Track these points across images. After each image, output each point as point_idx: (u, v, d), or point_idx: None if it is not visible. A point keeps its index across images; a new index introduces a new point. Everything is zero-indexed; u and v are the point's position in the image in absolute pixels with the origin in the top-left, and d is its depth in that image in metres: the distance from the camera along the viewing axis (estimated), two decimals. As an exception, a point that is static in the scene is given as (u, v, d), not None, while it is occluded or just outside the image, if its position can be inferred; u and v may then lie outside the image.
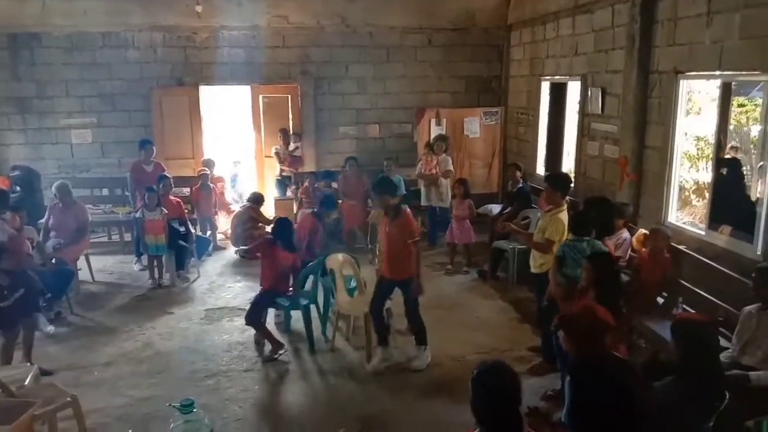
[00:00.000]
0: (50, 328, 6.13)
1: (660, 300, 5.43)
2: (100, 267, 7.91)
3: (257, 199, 8.77)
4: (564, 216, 5.13)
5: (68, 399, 4.03)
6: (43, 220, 7.31)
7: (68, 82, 9.74)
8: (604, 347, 3.11)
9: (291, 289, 5.93)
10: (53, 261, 6.64)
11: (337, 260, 5.89)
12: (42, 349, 5.60)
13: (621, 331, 3.56)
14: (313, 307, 5.99)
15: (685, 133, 6.19)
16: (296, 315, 6.05)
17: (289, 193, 9.66)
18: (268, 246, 5.88)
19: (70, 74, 9.71)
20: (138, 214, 7.49)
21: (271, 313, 6.21)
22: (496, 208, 8.62)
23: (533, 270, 5.40)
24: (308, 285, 6.12)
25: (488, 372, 2.47)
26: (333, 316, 6.10)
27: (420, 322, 5.33)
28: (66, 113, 9.83)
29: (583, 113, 7.70)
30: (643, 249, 5.55)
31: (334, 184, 9.23)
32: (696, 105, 7.74)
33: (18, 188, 8.76)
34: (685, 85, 5.90)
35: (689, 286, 5.20)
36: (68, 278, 6.62)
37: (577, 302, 4.35)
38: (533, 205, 7.55)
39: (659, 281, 5.31)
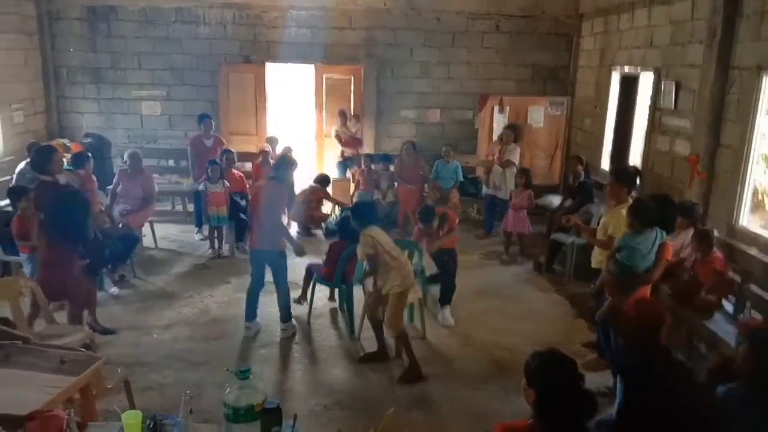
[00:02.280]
0: (114, 290, 6.40)
1: (728, 305, 5.21)
2: (163, 235, 8.18)
3: (323, 180, 8.89)
4: (623, 212, 4.94)
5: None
6: (111, 186, 7.60)
7: (141, 55, 10.07)
8: (659, 344, 3.01)
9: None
10: (119, 225, 6.90)
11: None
12: (106, 309, 5.87)
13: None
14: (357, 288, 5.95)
15: (764, 134, 5.89)
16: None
17: (348, 175, 9.73)
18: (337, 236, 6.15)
19: (143, 47, 10.03)
20: (201, 187, 7.69)
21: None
22: (556, 201, 8.46)
23: (594, 265, 5.26)
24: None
25: (545, 355, 2.45)
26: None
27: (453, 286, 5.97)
28: (137, 85, 10.18)
29: (654, 107, 7.42)
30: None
31: (392, 167, 9.24)
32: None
33: (90, 155, 9.13)
34: (768, 83, 5.61)
35: (759, 291, 4.97)
36: (133, 243, 6.87)
37: (629, 294, 4.24)
38: (595, 200, 7.35)
39: (717, 283, 5.09)
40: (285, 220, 6.30)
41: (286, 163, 5.72)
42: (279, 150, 9.67)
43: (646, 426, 2.78)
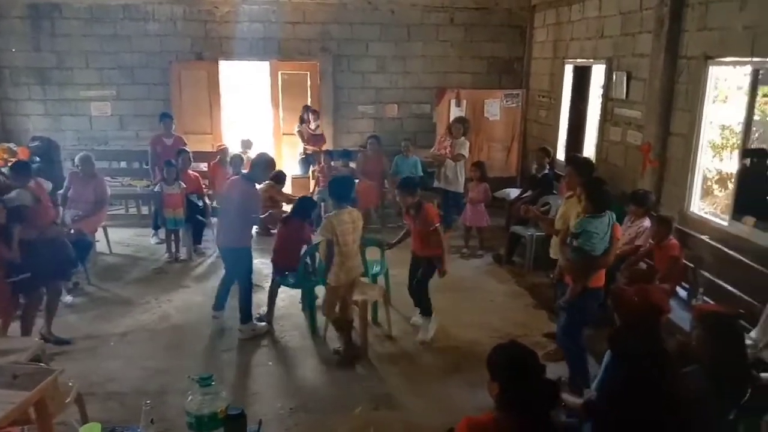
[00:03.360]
0: (68, 298, 6.19)
1: (682, 291, 5.36)
2: (117, 239, 7.96)
3: (278, 178, 8.74)
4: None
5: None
6: (62, 191, 7.35)
7: (88, 53, 9.77)
8: (658, 332, 3.07)
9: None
10: (71, 231, 6.68)
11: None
12: (61, 319, 5.66)
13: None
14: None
15: (711, 122, 6.08)
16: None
17: (310, 172, 9.64)
18: (283, 221, 5.90)
19: (90, 46, 9.73)
20: (157, 188, 7.51)
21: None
22: (514, 193, 8.55)
23: (552, 255, 5.34)
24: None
25: (507, 348, 2.48)
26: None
27: (425, 297, 5.52)
28: (85, 85, 9.88)
29: (606, 98, 7.58)
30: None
31: (352, 164, 9.19)
32: (722, 93, 7.59)
33: (37, 159, 8.83)
34: (714, 72, 5.77)
35: (711, 277, 5.14)
36: (86, 249, 6.67)
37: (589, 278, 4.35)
38: (554, 192, 7.47)
39: (671, 270, 5.24)
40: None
41: (265, 163, 5.57)
42: (240, 149, 9.52)
43: (628, 401, 2.83)
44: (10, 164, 7.00)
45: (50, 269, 5.22)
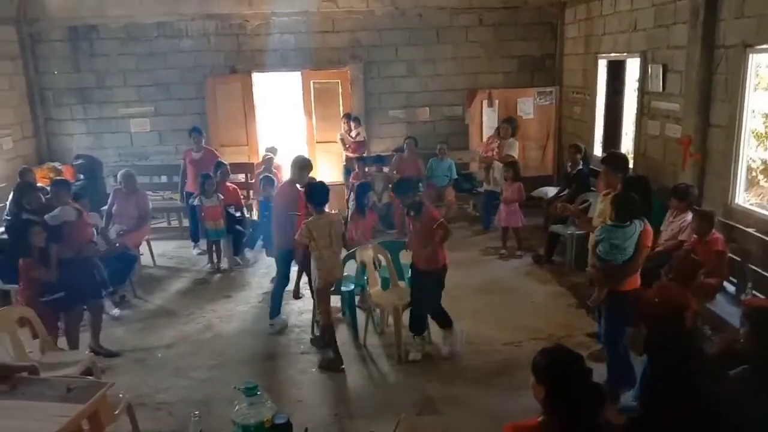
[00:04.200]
0: (116, 311, 6.36)
1: (730, 286, 5.22)
2: (160, 252, 8.15)
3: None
4: None
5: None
6: (105, 207, 7.56)
7: (126, 72, 10.03)
8: (685, 328, 3.00)
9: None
10: (116, 246, 6.86)
11: (368, 254, 5.79)
12: (109, 331, 5.83)
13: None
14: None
15: (753, 111, 5.90)
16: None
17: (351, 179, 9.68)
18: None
19: (127, 64, 9.99)
20: (196, 201, 7.66)
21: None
22: (551, 191, 8.45)
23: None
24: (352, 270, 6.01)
25: (552, 351, 2.45)
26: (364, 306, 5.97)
27: (441, 311, 5.26)
28: (124, 103, 10.14)
29: (642, 91, 7.43)
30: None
31: (385, 169, 9.22)
32: (764, 80, 7.37)
33: (82, 176, 9.12)
34: (754, 59, 5.61)
35: (759, 270, 4.98)
36: (131, 263, 6.85)
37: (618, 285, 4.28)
38: (592, 188, 7.35)
39: (717, 264, 5.10)
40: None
41: (296, 163, 5.84)
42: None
43: (668, 406, 2.77)
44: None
45: (84, 288, 5.33)
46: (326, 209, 5.34)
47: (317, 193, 5.23)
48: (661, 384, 2.84)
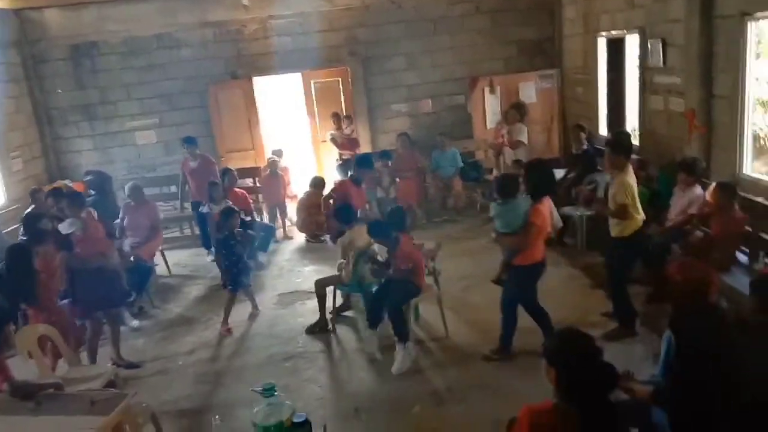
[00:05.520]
0: (135, 323, 6.45)
1: (742, 256, 5.19)
2: (175, 261, 8.24)
3: (318, 184, 8.89)
4: (628, 177, 4.88)
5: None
6: (117, 221, 7.65)
7: (128, 86, 10.13)
8: (709, 303, 3.01)
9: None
10: (131, 259, 6.94)
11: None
12: (129, 343, 5.93)
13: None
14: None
15: (757, 79, 5.85)
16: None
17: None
18: None
19: (129, 78, 10.09)
20: (205, 209, 7.72)
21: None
22: (558, 174, 8.39)
23: (614, 234, 5.10)
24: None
25: (561, 333, 2.48)
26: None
27: (402, 320, 5.09)
28: (129, 116, 10.25)
29: (644, 67, 7.38)
30: (711, 205, 5.32)
31: (391, 163, 9.24)
32: (767, 48, 7.29)
33: (92, 192, 9.20)
34: (754, 27, 5.56)
35: (771, 239, 4.96)
36: (147, 275, 6.93)
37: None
38: (599, 168, 7.31)
39: (732, 236, 5.08)
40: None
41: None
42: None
43: (693, 380, 2.79)
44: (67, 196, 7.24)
45: (99, 298, 5.39)
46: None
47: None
48: (688, 359, 2.85)
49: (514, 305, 4.92)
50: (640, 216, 4.94)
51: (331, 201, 7.24)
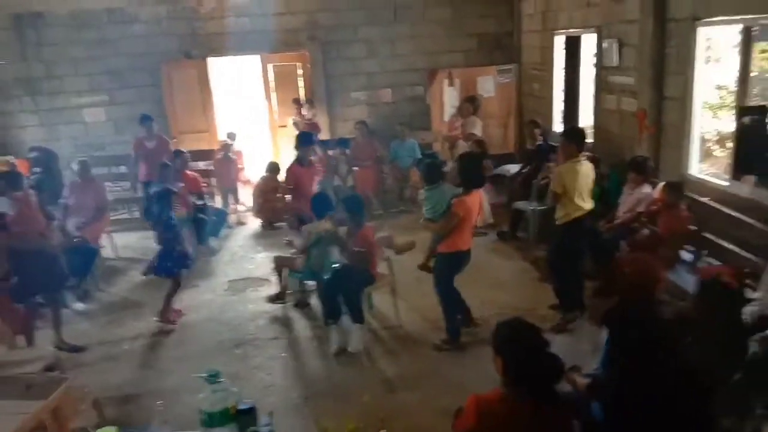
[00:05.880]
0: (79, 306, 6.25)
1: (687, 255, 5.37)
2: (123, 244, 7.98)
3: (274, 169, 8.77)
4: (575, 167, 4.98)
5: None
6: (62, 200, 7.37)
7: (76, 60, 9.75)
8: (654, 301, 3.08)
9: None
10: (75, 240, 6.70)
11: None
12: (73, 326, 5.74)
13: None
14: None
15: (705, 83, 6.03)
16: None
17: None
18: None
19: (77, 53, 9.70)
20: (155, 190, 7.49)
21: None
22: (513, 169, 8.53)
23: (558, 222, 5.25)
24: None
25: (508, 324, 2.51)
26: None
27: (358, 302, 5.18)
28: (76, 92, 9.87)
29: (599, 66, 7.53)
30: (658, 203, 5.48)
31: (348, 151, 9.19)
32: (716, 53, 7.53)
33: (37, 169, 8.84)
34: (704, 33, 5.73)
35: (714, 238, 5.14)
36: (92, 257, 6.69)
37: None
38: (551, 163, 7.44)
39: (678, 235, 5.25)
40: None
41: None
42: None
43: (633, 375, 2.85)
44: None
45: (39, 280, 5.19)
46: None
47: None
48: (623, 352, 2.90)
49: (449, 290, 5.02)
50: (584, 204, 5.06)
51: (291, 187, 7.08)
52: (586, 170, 5.06)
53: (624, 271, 3.15)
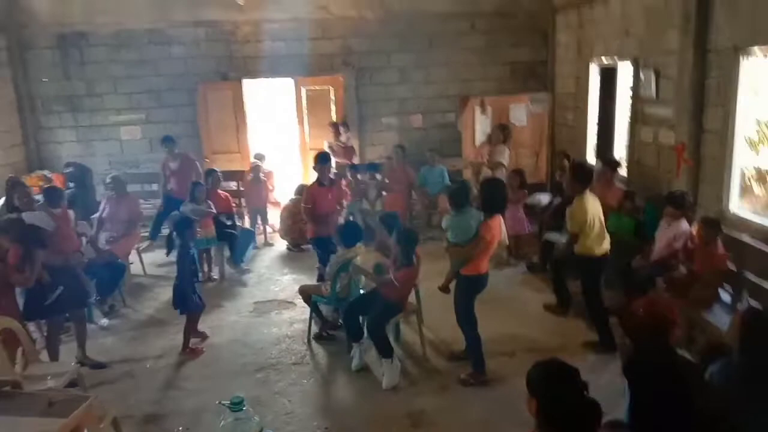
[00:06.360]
0: (104, 321, 6.28)
1: (725, 294, 5.17)
2: (150, 261, 8.04)
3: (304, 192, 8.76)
4: (583, 203, 5.19)
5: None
6: (96, 215, 7.48)
7: (116, 79, 9.96)
8: (668, 343, 2.97)
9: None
10: (105, 252, 6.74)
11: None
12: (98, 341, 5.77)
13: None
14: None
15: (746, 117, 5.86)
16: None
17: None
18: None
19: (117, 72, 9.92)
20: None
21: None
22: (545, 199, 8.39)
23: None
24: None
25: (545, 365, 2.40)
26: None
27: (384, 336, 5.06)
28: (115, 110, 10.06)
29: (635, 98, 7.40)
30: (695, 239, 5.31)
31: (378, 176, 9.17)
32: (755, 85, 7.34)
33: (72, 185, 9.02)
34: (747, 63, 5.58)
35: (754, 278, 4.94)
36: (120, 272, 6.75)
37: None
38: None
39: (714, 273, 5.06)
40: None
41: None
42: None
43: (656, 421, 2.74)
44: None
45: (68, 297, 5.22)
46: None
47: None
48: (642, 407, 2.80)
49: (468, 314, 5.02)
50: (602, 240, 5.30)
51: (309, 206, 7.01)
52: (593, 202, 5.28)
53: (638, 312, 3.03)
